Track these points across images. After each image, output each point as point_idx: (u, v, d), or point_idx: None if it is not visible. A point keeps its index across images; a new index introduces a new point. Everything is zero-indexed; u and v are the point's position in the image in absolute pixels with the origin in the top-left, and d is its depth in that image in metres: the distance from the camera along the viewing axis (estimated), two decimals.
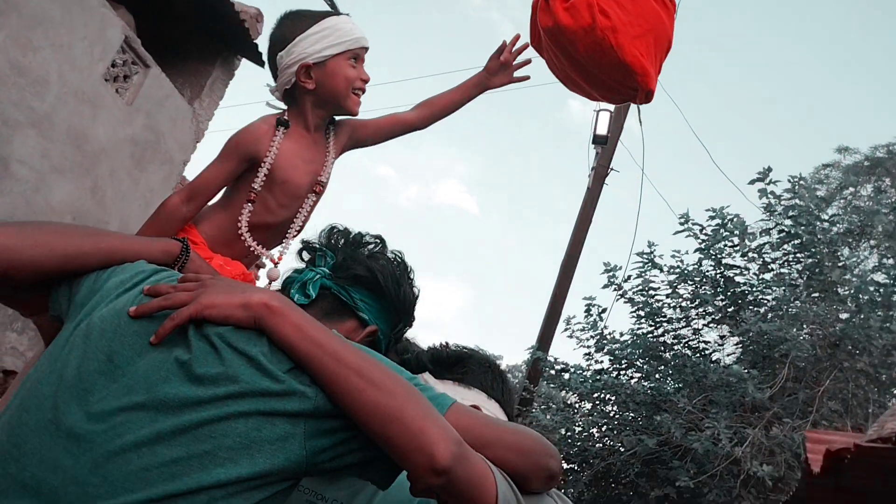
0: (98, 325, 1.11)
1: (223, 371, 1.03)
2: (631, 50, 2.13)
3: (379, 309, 1.36)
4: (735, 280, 8.25)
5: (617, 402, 7.97)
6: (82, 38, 5.73)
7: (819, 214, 7.81)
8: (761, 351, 7.26)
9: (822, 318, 6.87)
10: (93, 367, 1.06)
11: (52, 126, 5.69)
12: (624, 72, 2.17)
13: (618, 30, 2.14)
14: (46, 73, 5.52)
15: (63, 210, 5.98)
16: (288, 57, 1.85)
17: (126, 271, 1.24)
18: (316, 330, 1.07)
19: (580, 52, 2.21)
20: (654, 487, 7.06)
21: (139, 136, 6.59)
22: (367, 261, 1.35)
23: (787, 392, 6.72)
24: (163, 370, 1.04)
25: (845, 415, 6.80)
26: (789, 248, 8.05)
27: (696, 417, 6.77)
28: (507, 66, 2.25)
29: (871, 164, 12.97)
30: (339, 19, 1.89)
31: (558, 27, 2.22)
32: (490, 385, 1.52)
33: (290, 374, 1.05)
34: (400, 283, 1.37)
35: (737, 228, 8.11)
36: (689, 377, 7.36)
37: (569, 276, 9.94)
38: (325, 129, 1.97)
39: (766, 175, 8.03)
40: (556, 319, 9.73)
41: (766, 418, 6.55)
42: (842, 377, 6.81)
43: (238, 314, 1.08)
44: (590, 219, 10.11)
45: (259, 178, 1.83)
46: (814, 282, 7.53)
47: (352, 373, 1.03)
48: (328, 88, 1.86)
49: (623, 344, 8.59)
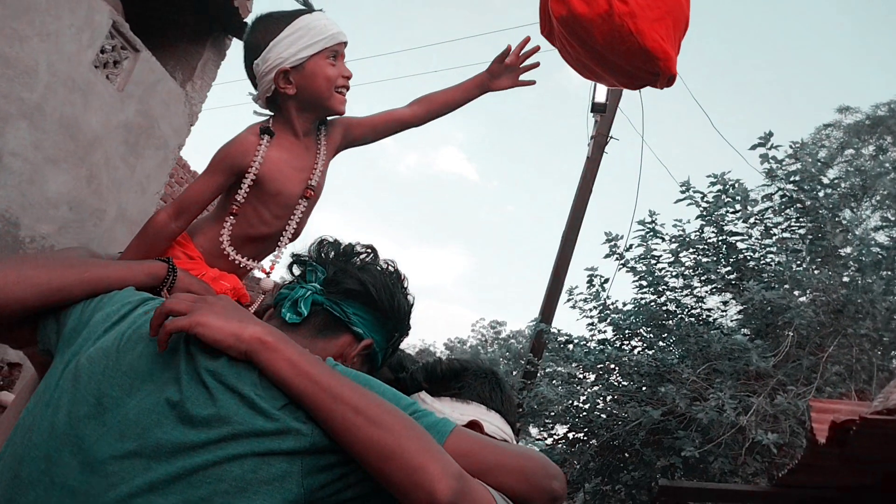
0: (86, 366, 1.09)
1: (215, 412, 1.01)
2: (651, 34, 2.06)
3: (373, 321, 1.33)
4: (737, 247, 8.22)
5: (621, 374, 8.00)
6: (69, 26, 5.63)
7: (821, 178, 7.74)
8: (764, 318, 7.26)
9: (825, 285, 6.84)
10: (83, 413, 1.05)
11: (43, 116, 5.62)
12: (645, 57, 2.10)
13: (636, 14, 2.06)
14: (35, 63, 5.43)
15: (59, 200, 5.93)
16: (264, 64, 1.78)
17: (112, 302, 1.22)
18: (310, 365, 1.05)
19: (597, 40, 2.13)
20: (659, 457, 7.11)
21: (132, 122, 6.51)
22: (358, 273, 1.32)
23: (791, 359, 6.73)
24: (154, 413, 1.03)
25: (849, 379, 6.81)
26: (791, 212, 8.00)
27: (701, 387, 6.79)
28: (512, 70, 2.15)
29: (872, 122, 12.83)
30: (313, 17, 1.80)
31: (573, 16, 2.13)
32: (489, 396, 1.50)
33: (284, 411, 1.03)
34: (393, 293, 1.35)
35: (738, 194, 8.05)
36: (692, 347, 7.37)
37: (570, 246, 9.93)
38: (317, 132, 1.91)
39: (768, 140, 7.95)
40: (558, 290, 9.74)
41: (770, 386, 6.57)
42: (845, 342, 6.81)
43: (228, 342, 1.06)
44: (590, 188, 10.06)
45: (242, 190, 1.78)
46: (816, 247, 7.50)
47: (348, 409, 1.01)
48: (310, 91, 1.79)
49: (626, 313, 8.59)
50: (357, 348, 1.31)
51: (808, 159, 7.74)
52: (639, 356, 7.66)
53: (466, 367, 1.52)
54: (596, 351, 8.16)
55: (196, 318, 1.07)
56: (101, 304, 1.22)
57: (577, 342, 8.63)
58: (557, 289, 9.71)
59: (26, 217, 5.67)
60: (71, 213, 6.05)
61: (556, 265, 9.81)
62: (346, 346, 1.30)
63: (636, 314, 8.51)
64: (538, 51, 2.19)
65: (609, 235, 8.87)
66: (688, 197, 8.19)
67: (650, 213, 8.63)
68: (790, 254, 7.70)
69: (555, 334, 8.94)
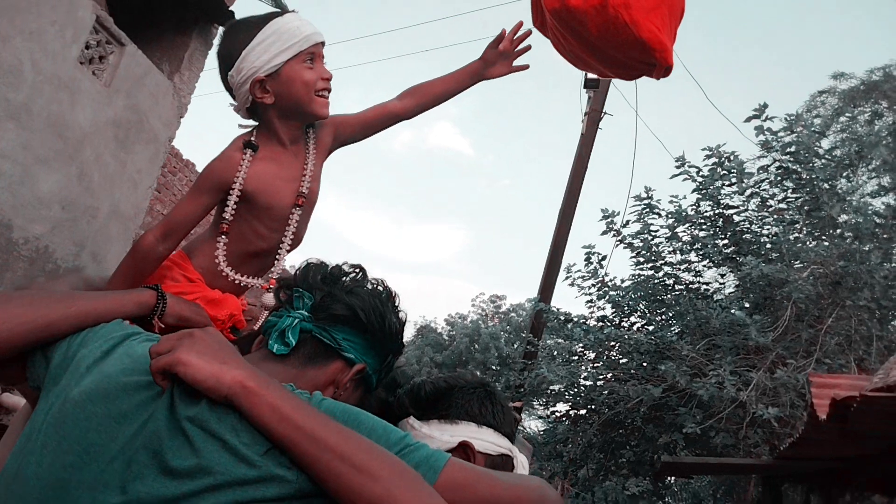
0: (72, 412, 1.07)
1: (197, 463, 0.99)
2: (647, 25, 2.01)
3: (365, 345, 1.30)
4: (734, 219, 8.20)
5: (621, 352, 8.02)
6: (52, 23, 5.54)
7: (817, 150, 7.71)
8: (762, 292, 7.27)
9: (823, 257, 6.84)
10: (69, 462, 1.04)
11: (30, 116, 5.55)
12: (641, 48, 2.06)
13: (630, 5, 2.01)
14: (19, 63, 5.36)
15: (51, 200, 5.89)
16: (238, 75, 1.72)
17: (96, 338, 1.20)
18: (294, 410, 1.02)
19: (592, 32, 2.08)
20: (661, 433, 7.16)
21: (121, 117, 6.44)
22: (346, 298, 1.27)
23: (790, 332, 6.75)
24: (136, 463, 1.01)
25: (848, 350, 6.84)
26: (788, 184, 7.98)
27: (700, 363, 6.81)
28: (506, 56, 2.10)
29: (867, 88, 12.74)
30: (284, 20, 1.74)
31: (566, 8, 2.08)
32: (478, 411, 1.45)
33: (267, 457, 1.01)
34: (384, 314, 1.30)
35: (734, 167, 8.02)
36: (691, 323, 7.38)
37: (567, 223, 9.90)
38: (305, 136, 1.85)
39: (762, 112, 7.90)
40: (556, 268, 9.73)
41: (769, 360, 6.59)
42: (844, 314, 6.83)
43: (209, 384, 1.03)
44: (585, 165, 10.00)
45: (229, 207, 1.73)
46: (813, 218, 7.49)
47: (333, 457, 0.99)
48: (289, 98, 1.73)
49: (624, 290, 8.60)
50: (349, 374, 1.28)
51: (804, 131, 7.69)
52: (638, 335, 7.67)
53: (453, 385, 1.47)
54: (595, 329, 8.18)
55: (178, 355, 1.05)
56: (86, 340, 1.20)
57: (576, 320, 8.65)
58: (556, 267, 9.70)
59: (18, 218, 5.63)
60: (63, 213, 6.01)
61: (554, 243, 9.79)
62: (338, 372, 1.27)
63: (634, 289, 8.51)
64: (530, 35, 2.14)
65: (606, 212, 8.85)
66: (683, 172, 8.16)
67: (646, 189, 8.61)
68: (787, 225, 7.69)
69: (554, 313, 8.96)
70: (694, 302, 7.57)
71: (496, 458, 1.42)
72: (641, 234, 8.57)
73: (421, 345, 23.03)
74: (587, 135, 9.90)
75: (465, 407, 1.44)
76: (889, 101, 12.56)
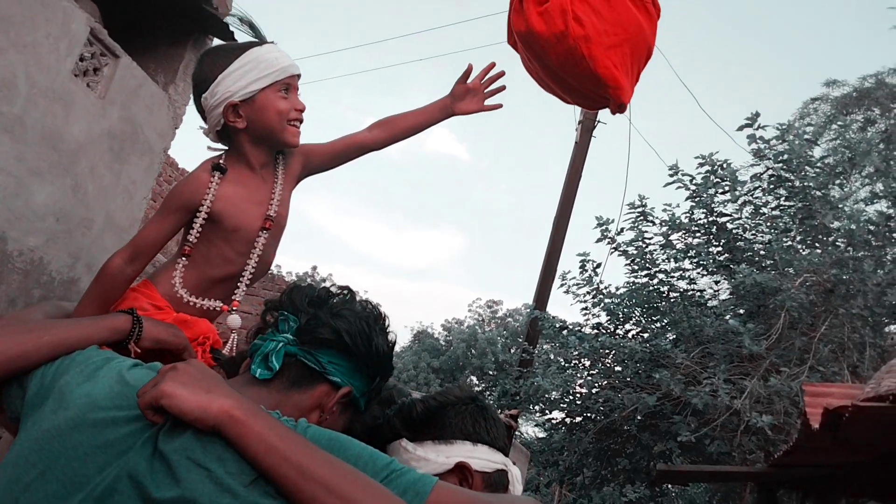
0: (56, 440, 1.07)
1: (179, 493, 0.99)
2: (604, 61, 2.03)
3: (351, 368, 1.28)
4: (727, 227, 8.24)
5: (616, 360, 8.04)
6: (46, 36, 5.55)
7: (809, 158, 7.75)
8: (756, 300, 7.30)
9: (816, 265, 6.88)
10: (52, 491, 1.04)
11: (24, 129, 5.56)
12: (596, 83, 2.07)
13: (591, 39, 2.02)
14: (13, 76, 5.36)
15: (46, 212, 5.89)
16: (212, 98, 1.75)
17: (75, 364, 1.20)
18: (281, 440, 1.03)
19: (552, 58, 2.10)
20: (656, 441, 7.18)
21: (116, 129, 6.45)
22: (331, 321, 1.26)
23: (784, 340, 6.78)
24: (118, 494, 1.01)
25: (842, 357, 6.87)
26: (781, 191, 8.02)
27: (695, 371, 6.83)
28: (475, 93, 2.10)
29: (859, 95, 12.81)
30: (262, 50, 1.77)
31: (531, 32, 2.11)
32: (472, 429, 1.44)
33: (252, 487, 1.01)
34: (370, 337, 1.28)
35: (727, 175, 8.05)
36: (685, 331, 7.40)
37: (562, 231, 9.93)
38: (275, 162, 1.87)
39: (755, 120, 7.94)
40: (551, 276, 9.76)
41: (763, 368, 6.62)
42: (837, 322, 6.86)
43: (195, 415, 1.03)
44: (579, 173, 10.05)
45: (195, 230, 1.74)
46: (806, 226, 7.53)
47: (319, 488, 0.99)
48: (261, 124, 1.76)
49: (619, 297, 8.62)
50: (335, 397, 1.26)
51: (795, 140, 7.74)
52: (632, 343, 7.69)
53: (444, 403, 1.46)
54: (590, 337, 8.20)
55: (162, 388, 1.04)
56: (63, 367, 1.19)
57: (571, 328, 8.66)
58: (551, 274, 9.73)
59: (13, 231, 5.63)
60: (58, 224, 6.01)
61: (549, 250, 9.82)
62: (324, 395, 1.26)
63: (629, 297, 8.54)
64: (503, 75, 2.14)
65: (600, 220, 8.88)
66: (676, 180, 8.19)
67: (640, 196, 8.64)
68: (780, 233, 7.72)
69: (550, 320, 8.98)
70: (688, 310, 7.60)
71: (493, 474, 1.42)
72: (636, 241, 8.61)
73: (418, 350, 23.00)
74: (581, 143, 9.95)
75: (459, 425, 1.43)
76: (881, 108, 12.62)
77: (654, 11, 2.17)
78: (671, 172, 8.18)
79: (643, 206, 8.56)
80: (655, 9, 2.17)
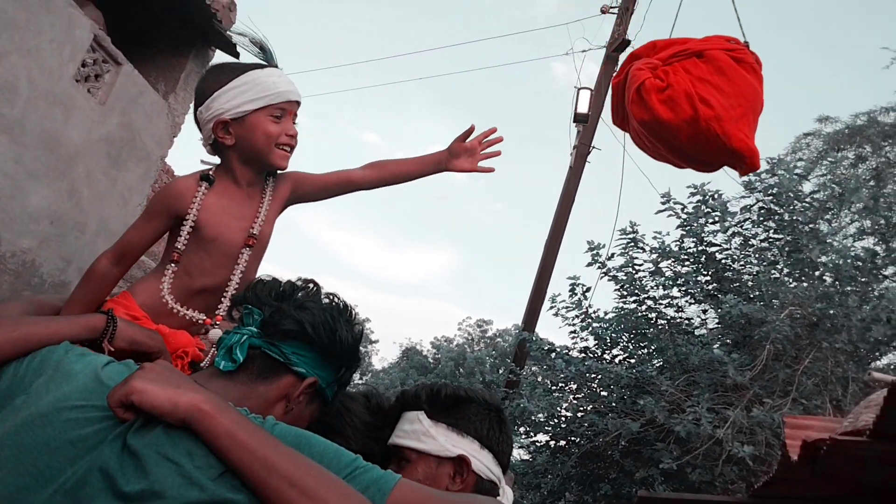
0: (28, 435, 1.09)
1: (148, 487, 1.02)
2: (737, 134, 2.10)
3: (316, 359, 1.30)
4: (716, 257, 8.31)
5: (601, 385, 8.07)
6: (50, 41, 5.62)
7: (798, 192, 7.85)
8: (742, 331, 7.36)
9: (801, 298, 6.95)
10: (22, 483, 1.06)
11: (24, 131, 5.60)
12: (731, 154, 2.16)
13: (722, 117, 2.08)
14: (15, 79, 5.42)
15: (40, 215, 5.92)
16: (206, 112, 1.80)
17: (48, 360, 1.21)
18: (248, 434, 1.06)
19: (682, 141, 2.16)
20: (639, 468, 7.20)
21: (114, 135, 6.50)
22: (295, 313, 1.28)
23: (768, 371, 6.83)
24: (89, 486, 1.04)
25: (825, 390, 6.92)
26: (770, 224, 8.10)
27: (679, 399, 6.87)
28: (471, 153, 2.14)
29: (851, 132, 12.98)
30: (263, 73, 1.82)
31: (657, 121, 2.14)
32: (486, 433, 1.47)
33: (220, 480, 1.04)
34: (334, 329, 1.30)
35: (718, 206, 8.14)
36: (671, 358, 7.45)
37: (553, 254, 10.00)
38: (264, 183, 1.91)
39: None
40: (541, 298, 9.81)
41: (746, 398, 6.66)
42: (821, 355, 6.92)
43: (165, 409, 1.06)
44: (573, 197, 10.14)
45: (182, 236, 1.78)
46: (793, 259, 7.61)
47: (283, 482, 1.02)
48: (248, 144, 1.81)
49: (607, 322, 8.65)
50: (301, 387, 1.29)
51: (785, 174, 7.84)
52: (618, 368, 7.73)
53: (472, 398, 1.50)
54: (577, 361, 8.23)
55: (132, 385, 1.08)
56: (35, 366, 1.21)
57: (559, 351, 8.69)
58: (540, 296, 9.78)
59: (7, 232, 5.66)
60: (52, 228, 6.04)
61: (539, 273, 9.89)
62: (290, 386, 1.28)
63: (617, 322, 8.57)
64: (501, 141, 2.19)
65: (591, 244, 8.93)
66: (668, 208, 8.28)
67: (631, 223, 8.71)
68: (768, 265, 7.80)
69: (538, 342, 9.00)
70: (675, 337, 7.65)
71: (486, 482, 1.45)
72: (626, 267, 8.66)
73: (406, 367, 22.92)
74: (575, 167, 10.04)
75: (476, 424, 1.47)
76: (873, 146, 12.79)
77: (759, 67, 2.23)
78: (663, 200, 8.26)
79: (634, 233, 8.63)
80: (759, 65, 2.24)
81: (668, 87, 2.14)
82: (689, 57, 2.17)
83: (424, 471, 1.42)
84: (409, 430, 1.47)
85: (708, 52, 2.17)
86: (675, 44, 2.21)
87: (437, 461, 1.43)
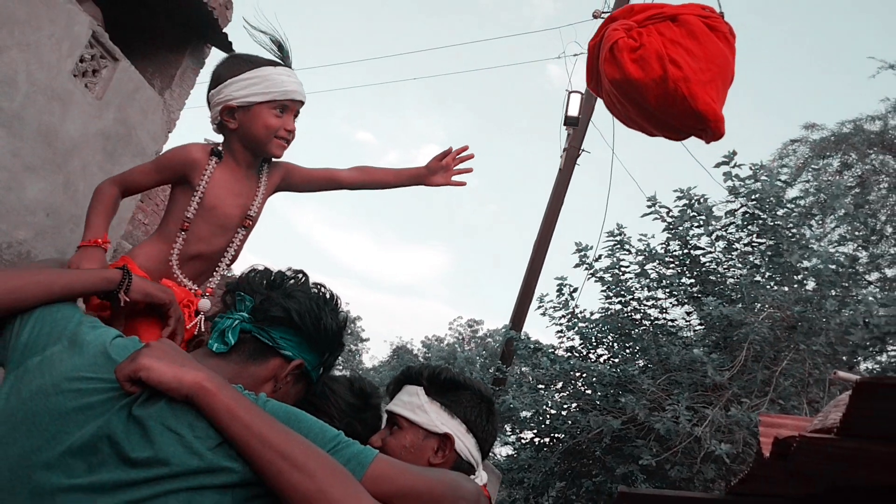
0: (42, 401, 1.19)
1: (153, 455, 1.13)
2: (703, 98, 2.17)
3: (302, 344, 1.42)
4: (700, 260, 8.46)
5: (585, 383, 8.21)
6: (49, 36, 5.72)
7: (781, 198, 8.01)
8: (722, 332, 7.52)
9: (780, 302, 7.11)
10: (34, 445, 1.16)
11: (22, 125, 5.71)
12: (697, 118, 2.22)
13: (690, 79, 2.16)
14: (14, 73, 5.52)
15: (36, 207, 6.02)
16: (217, 96, 1.97)
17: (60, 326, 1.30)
18: (245, 411, 1.17)
19: (650, 102, 2.22)
20: (620, 464, 7.34)
21: (110, 130, 6.61)
22: (283, 301, 1.40)
23: (746, 372, 6.99)
24: (98, 452, 1.14)
25: (802, 392, 7.09)
26: (753, 228, 8.26)
27: (660, 397, 7.03)
28: (446, 169, 2.38)
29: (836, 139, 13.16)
30: (275, 70, 1.97)
31: (627, 80, 2.23)
32: (474, 420, 1.61)
33: (217, 450, 1.15)
34: (319, 316, 1.43)
35: (703, 210, 8.29)
36: (653, 358, 7.60)
37: (541, 255, 10.14)
38: (259, 167, 2.08)
39: (731, 158, 8.20)
40: (529, 298, 9.95)
41: (725, 398, 6.82)
42: (798, 357, 7.09)
43: (171, 385, 1.17)
44: (562, 199, 10.28)
45: (192, 205, 1.94)
46: (774, 263, 7.77)
47: (276, 455, 1.14)
48: (248, 131, 1.97)
49: (593, 322, 8.79)
50: (288, 369, 1.41)
51: (767, 180, 8.01)
52: (602, 367, 7.88)
53: (468, 386, 1.64)
54: (562, 359, 8.37)
55: (140, 361, 1.18)
56: (49, 325, 1.30)
57: (545, 350, 8.84)
58: (528, 296, 9.93)
59: (3, 223, 5.76)
60: (48, 220, 6.14)
61: (527, 274, 10.03)
62: (278, 367, 1.41)
63: (603, 322, 8.72)
64: (472, 158, 2.43)
65: (579, 245, 9.07)
66: (654, 211, 8.43)
67: (618, 225, 8.86)
68: (750, 269, 7.96)
69: (524, 341, 9.14)
70: (658, 338, 7.80)
71: (464, 462, 1.60)
72: (612, 269, 8.81)
73: (396, 366, 23.05)
74: (565, 170, 10.19)
75: (467, 409, 1.62)
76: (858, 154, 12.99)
77: (732, 38, 2.31)
78: (649, 204, 8.41)
79: (621, 235, 8.78)
80: (732, 36, 2.32)
81: (641, 48, 2.21)
82: (663, 20, 2.25)
83: (412, 440, 1.58)
84: (406, 401, 1.62)
85: (682, 17, 2.24)
86: (652, 7, 2.30)
87: (424, 434, 1.58)
